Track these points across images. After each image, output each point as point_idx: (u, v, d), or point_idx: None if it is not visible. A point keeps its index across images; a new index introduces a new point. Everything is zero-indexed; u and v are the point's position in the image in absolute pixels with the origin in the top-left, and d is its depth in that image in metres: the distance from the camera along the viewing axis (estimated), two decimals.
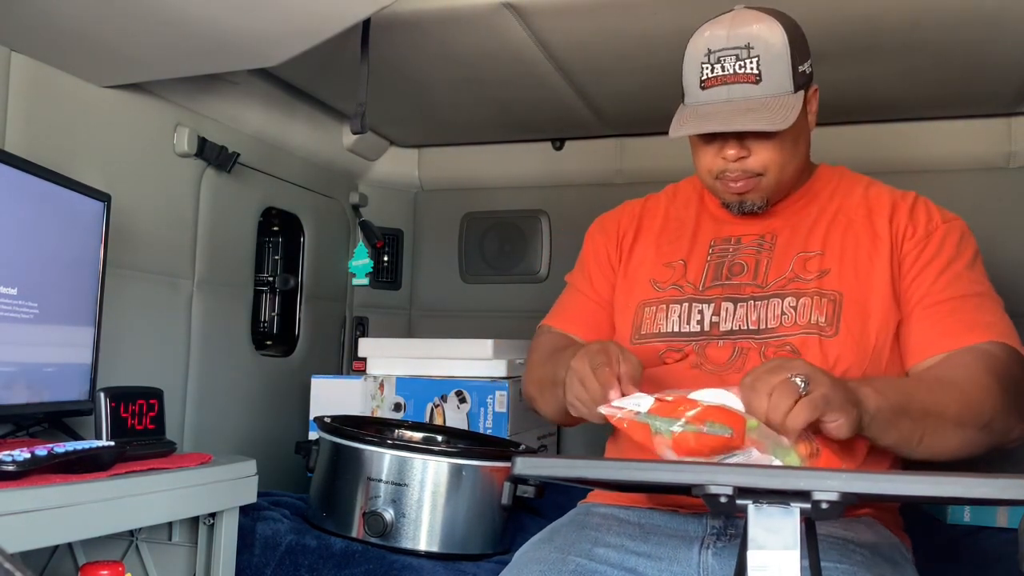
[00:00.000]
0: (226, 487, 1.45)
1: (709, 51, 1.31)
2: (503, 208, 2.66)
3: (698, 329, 1.39)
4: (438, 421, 2.11)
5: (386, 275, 2.71)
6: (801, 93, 1.32)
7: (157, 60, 1.62)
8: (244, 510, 1.54)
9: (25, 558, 1.35)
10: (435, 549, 1.64)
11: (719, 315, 1.38)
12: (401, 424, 2.02)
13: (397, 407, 2.15)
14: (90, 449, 1.23)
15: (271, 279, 2.33)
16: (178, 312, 1.93)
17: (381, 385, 2.15)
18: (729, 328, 1.37)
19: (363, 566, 1.59)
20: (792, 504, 0.86)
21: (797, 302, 1.35)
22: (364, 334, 2.63)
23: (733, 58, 1.29)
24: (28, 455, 1.13)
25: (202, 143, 1.93)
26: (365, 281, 2.55)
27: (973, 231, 1.42)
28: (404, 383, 2.16)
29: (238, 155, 2.00)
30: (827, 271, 1.37)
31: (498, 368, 2.13)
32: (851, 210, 1.42)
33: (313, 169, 2.40)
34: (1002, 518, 1.87)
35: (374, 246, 2.59)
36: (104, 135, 1.72)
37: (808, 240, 1.41)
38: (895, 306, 1.35)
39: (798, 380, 1.09)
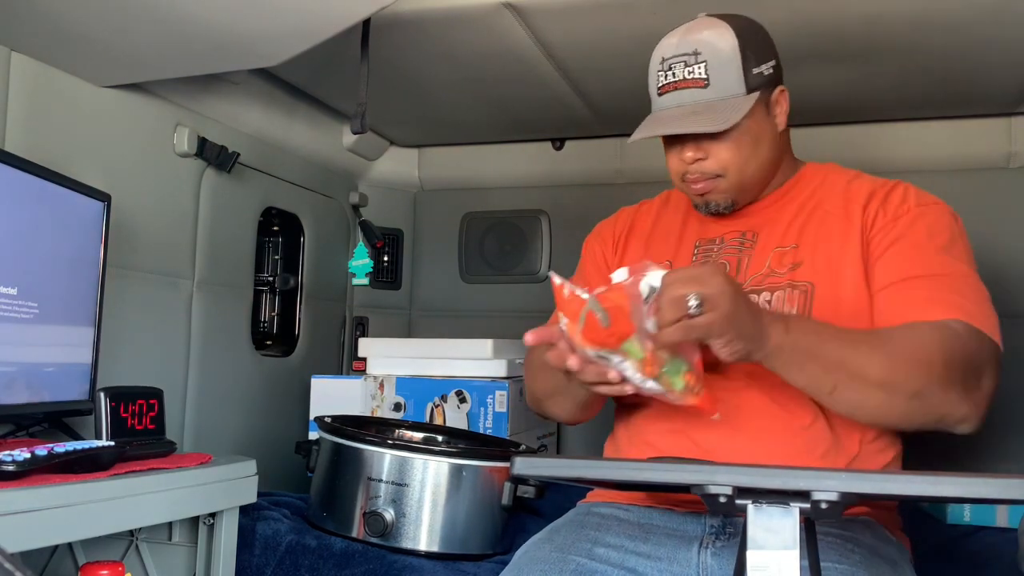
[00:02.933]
0: (226, 487, 1.45)
1: (663, 59, 1.38)
2: (503, 208, 2.66)
3: None
4: (438, 421, 2.11)
5: (386, 275, 2.71)
6: (755, 95, 1.35)
7: (157, 60, 1.62)
8: (244, 510, 1.54)
9: (25, 558, 1.35)
10: (435, 549, 1.64)
11: None
12: (401, 424, 2.02)
13: (397, 407, 2.15)
14: (90, 449, 1.23)
15: (271, 279, 2.33)
16: (178, 312, 1.93)
17: (381, 385, 2.15)
18: None
19: (363, 566, 1.59)
20: (792, 504, 0.86)
21: (772, 296, 1.37)
22: (364, 334, 2.63)
23: (682, 64, 1.35)
24: (28, 455, 1.13)
25: (202, 143, 1.93)
26: (365, 281, 2.55)
27: (973, 231, 1.42)
28: (404, 383, 2.16)
29: (238, 155, 2.00)
30: (799, 263, 1.38)
31: (498, 368, 2.13)
32: (830, 203, 1.43)
33: (313, 169, 2.40)
34: (1002, 518, 1.87)
35: (374, 246, 2.59)
36: (104, 135, 1.72)
37: (785, 235, 1.42)
38: (868, 292, 1.35)
39: (692, 300, 1.10)
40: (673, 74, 1.35)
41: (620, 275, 1.14)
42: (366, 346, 2.28)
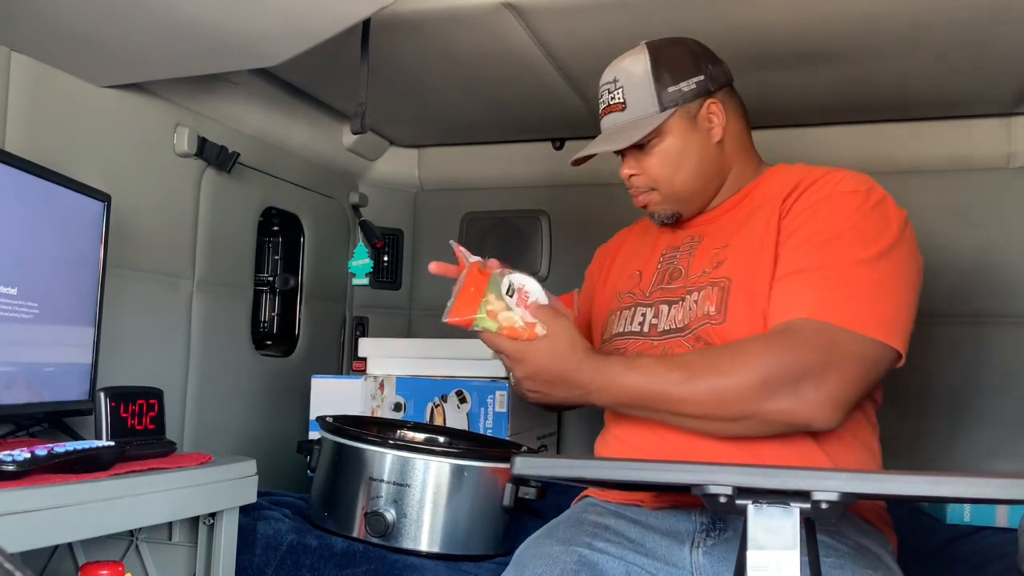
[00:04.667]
0: (226, 487, 1.45)
1: (600, 86, 1.51)
2: (503, 208, 2.66)
3: (638, 329, 1.47)
4: (438, 421, 2.11)
5: (386, 275, 2.71)
6: (669, 112, 1.42)
7: (157, 60, 1.62)
8: (244, 510, 1.54)
9: (25, 558, 1.35)
10: (436, 550, 1.64)
11: (657, 317, 1.46)
12: (403, 424, 2.02)
13: (397, 407, 2.15)
14: (90, 449, 1.23)
15: (271, 279, 2.33)
16: (178, 312, 1.93)
17: (381, 385, 2.15)
18: (663, 328, 1.44)
19: (364, 566, 1.59)
20: (792, 504, 0.86)
21: (699, 295, 1.40)
22: (364, 334, 2.63)
23: (607, 91, 1.49)
24: (28, 455, 1.13)
25: (202, 143, 1.93)
26: (365, 281, 2.55)
27: (973, 231, 1.42)
28: (404, 383, 2.16)
29: (238, 155, 2.00)
30: (723, 261, 1.41)
31: (498, 368, 2.13)
32: (771, 199, 1.42)
33: (313, 169, 2.40)
34: (1002, 518, 1.87)
35: (374, 246, 2.59)
36: (104, 135, 1.72)
37: (722, 236, 1.45)
38: None
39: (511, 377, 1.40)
40: (604, 100, 1.49)
41: (493, 263, 1.39)
42: (366, 346, 2.28)
